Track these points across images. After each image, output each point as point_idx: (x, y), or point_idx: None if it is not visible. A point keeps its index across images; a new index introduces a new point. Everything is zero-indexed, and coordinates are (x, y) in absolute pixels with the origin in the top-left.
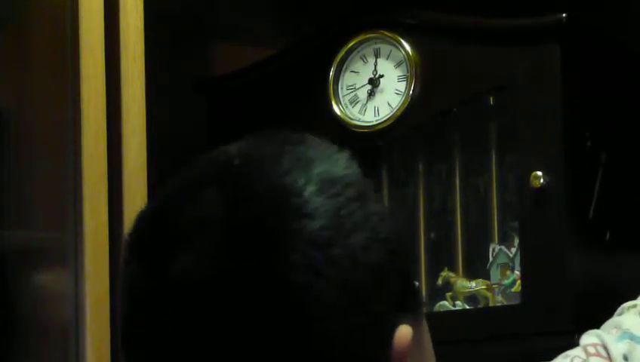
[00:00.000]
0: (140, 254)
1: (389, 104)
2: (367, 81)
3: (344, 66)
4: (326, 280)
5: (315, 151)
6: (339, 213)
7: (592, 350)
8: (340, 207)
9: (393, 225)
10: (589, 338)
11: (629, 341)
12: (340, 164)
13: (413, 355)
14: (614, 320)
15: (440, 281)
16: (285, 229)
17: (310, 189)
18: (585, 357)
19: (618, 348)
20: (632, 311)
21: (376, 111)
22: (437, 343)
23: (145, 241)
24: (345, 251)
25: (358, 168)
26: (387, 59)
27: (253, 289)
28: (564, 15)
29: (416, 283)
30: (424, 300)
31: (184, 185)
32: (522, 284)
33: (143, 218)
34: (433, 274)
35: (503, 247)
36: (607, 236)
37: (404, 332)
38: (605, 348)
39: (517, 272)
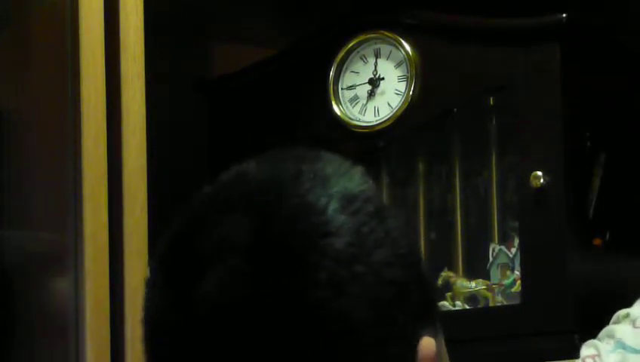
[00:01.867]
0: (165, 277)
1: (389, 104)
2: (367, 81)
3: (344, 66)
4: (352, 298)
5: (330, 168)
6: (361, 230)
7: None
8: (362, 224)
9: (410, 238)
10: (587, 349)
11: (621, 350)
12: (355, 179)
13: None
14: (609, 328)
15: (440, 281)
16: (312, 248)
17: (332, 207)
18: None
19: (610, 359)
20: (626, 320)
21: (376, 111)
22: None
23: (170, 265)
24: (369, 267)
25: (372, 182)
26: (387, 59)
27: (282, 308)
28: (564, 15)
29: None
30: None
31: (207, 208)
32: (522, 284)
33: (167, 242)
34: (433, 274)
35: (503, 247)
36: (607, 236)
37: (427, 342)
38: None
39: (517, 272)
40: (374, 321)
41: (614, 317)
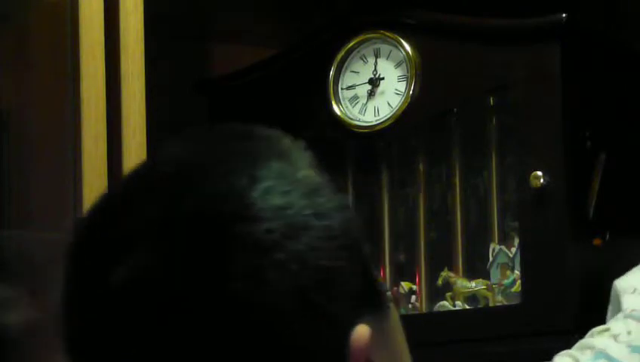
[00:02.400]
0: (79, 265)
1: (389, 104)
2: (367, 81)
3: (344, 66)
4: (272, 287)
5: (262, 145)
6: (286, 213)
7: None
8: (288, 207)
9: (347, 219)
10: (562, 359)
11: (604, 360)
12: (290, 157)
13: (380, 355)
14: (586, 341)
15: (440, 281)
16: (227, 235)
17: (256, 189)
18: None
19: None
20: (605, 334)
21: (376, 111)
22: (437, 343)
23: (82, 253)
24: (292, 254)
25: (310, 159)
26: (387, 59)
27: (194, 302)
28: (564, 15)
29: (380, 279)
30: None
31: (120, 193)
32: (522, 284)
33: (80, 228)
34: (433, 274)
35: (503, 247)
36: (607, 236)
37: (360, 332)
38: None
39: (517, 272)
40: (299, 311)
41: (589, 334)
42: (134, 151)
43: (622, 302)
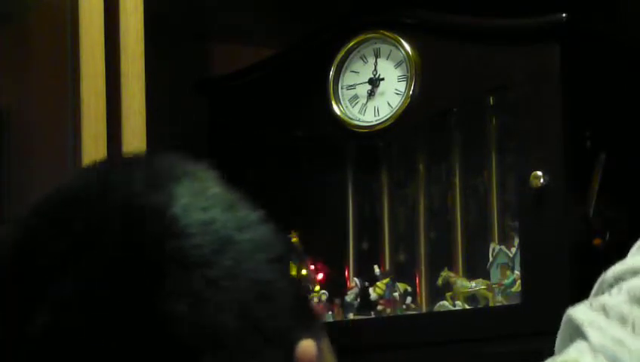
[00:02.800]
0: None
1: (389, 104)
2: (367, 81)
3: (344, 66)
4: (208, 304)
5: (169, 167)
6: (211, 228)
7: None
8: (212, 222)
9: (271, 233)
10: None
11: None
12: (198, 176)
13: None
14: None
15: (440, 281)
16: (156, 253)
17: (177, 205)
18: None
19: None
20: None
21: (376, 111)
22: (437, 343)
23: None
24: (224, 269)
25: (219, 177)
26: (387, 59)
27: (127, 330)
28: (564, 15)
29: (309, 295)
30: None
31: (30, 228)
32: (522, 284)
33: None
34: (433, 274)
35: (502, 247)
36: (607, 236)
37: (306, 345)
38: None
39: (517, 272)
40: (239, 328)
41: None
42: (134, 152)
43: (587, 334)
